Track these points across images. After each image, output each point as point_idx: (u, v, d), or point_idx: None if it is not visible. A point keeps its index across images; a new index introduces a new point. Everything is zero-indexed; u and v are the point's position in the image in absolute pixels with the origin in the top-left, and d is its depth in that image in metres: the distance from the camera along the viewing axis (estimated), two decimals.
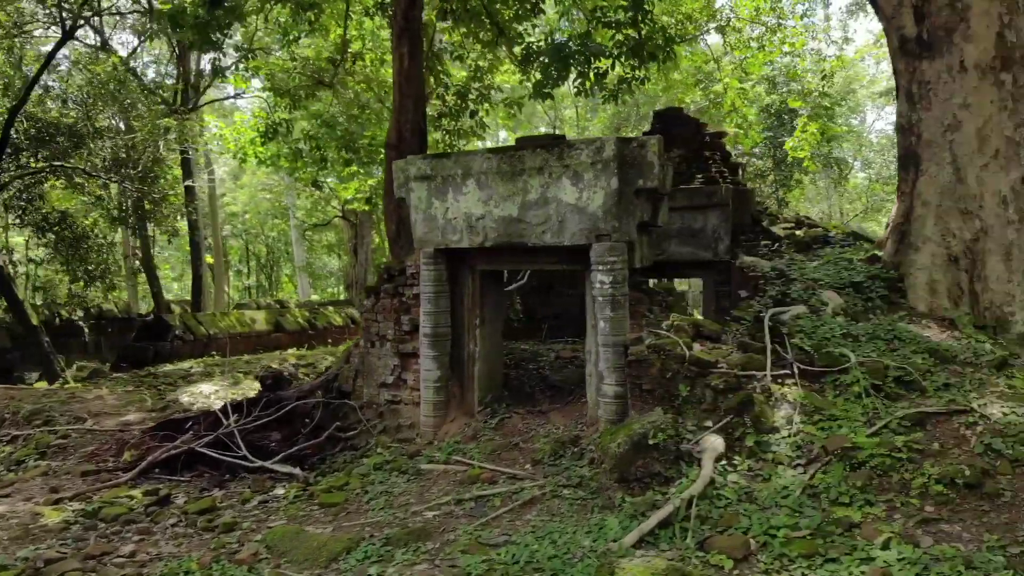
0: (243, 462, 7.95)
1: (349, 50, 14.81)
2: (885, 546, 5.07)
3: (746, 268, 8.91)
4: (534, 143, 7.41)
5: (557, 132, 15.23)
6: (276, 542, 6.15)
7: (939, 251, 7.98)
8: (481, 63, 14.26)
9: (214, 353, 19.77)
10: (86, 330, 20.97)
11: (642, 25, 11.03)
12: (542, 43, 11.76)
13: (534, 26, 12.60)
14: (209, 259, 35.42)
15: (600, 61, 10.76)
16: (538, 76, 11.30)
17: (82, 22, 16.79)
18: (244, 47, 14.47)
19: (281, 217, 39.34)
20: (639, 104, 28.20)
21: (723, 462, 6.25)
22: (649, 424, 6.33)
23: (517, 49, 11.99)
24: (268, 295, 44.17)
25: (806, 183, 31.80)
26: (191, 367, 18.11)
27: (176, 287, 45.50)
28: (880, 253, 8.53)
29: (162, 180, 18.05)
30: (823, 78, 17.14)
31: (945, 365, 6.85)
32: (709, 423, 6.54)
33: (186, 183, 23.30)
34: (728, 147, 11.76)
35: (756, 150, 27.57)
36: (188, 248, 27.47)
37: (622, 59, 10.99)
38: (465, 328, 8.30)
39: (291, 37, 15.23)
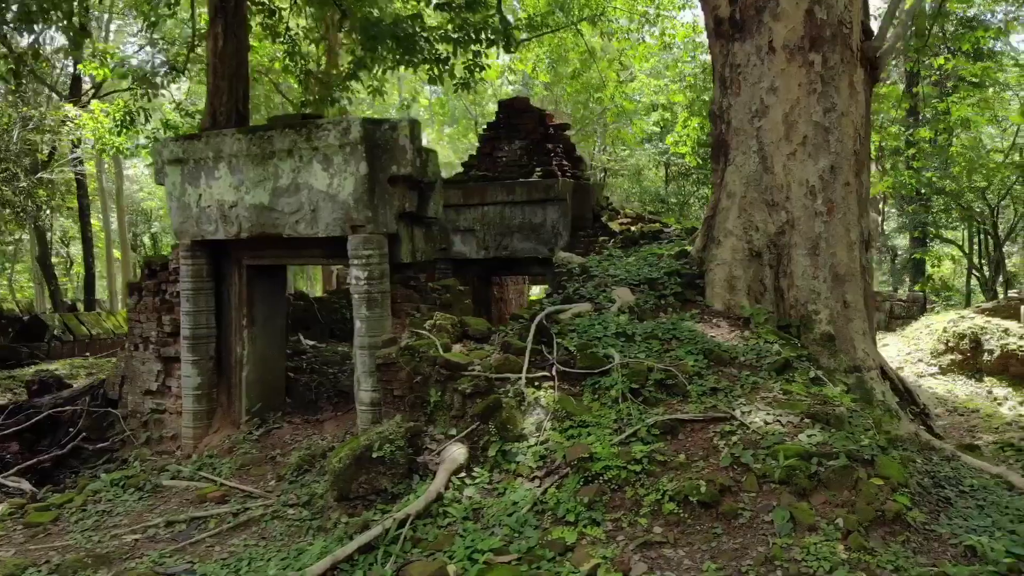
0: None
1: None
2: (591, 574, 4.48)
3: (558, 265, 8.30)
4: (284, 123, 6.70)
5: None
6: None
7: (740, 245, 7.42)
8: (336, 48, 13.51)
9: (87, 355, 18.77)
10: None
11: (490, 13, 10.40)
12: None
13: (381, 8, 11.92)
14: (118, 254, 34.04)
15: (422, 45, 10.08)
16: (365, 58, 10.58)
17: None
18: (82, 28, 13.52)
19: None
20: (558, 101, 27.64)
21: (463, 474, 5.62)
22: (376, 436, 5.66)
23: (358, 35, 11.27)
24: None
25: None
26: (56, 369, 17.19)
27: (99, 286, 44.04)
28: (690, 248, 7.98)
29: (22, 173, 16.94)
30: (702, 71, 16.72)
31: (720, 367, 6.28)
32: (455, 431, 5.90)
33: (76, 175, 22.14)
34: (572, 140, 11.17)
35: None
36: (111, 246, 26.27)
37: (461, 44, 10.35)
38: (232, 330, 7.53)
39: (151, 20, 14.36)
